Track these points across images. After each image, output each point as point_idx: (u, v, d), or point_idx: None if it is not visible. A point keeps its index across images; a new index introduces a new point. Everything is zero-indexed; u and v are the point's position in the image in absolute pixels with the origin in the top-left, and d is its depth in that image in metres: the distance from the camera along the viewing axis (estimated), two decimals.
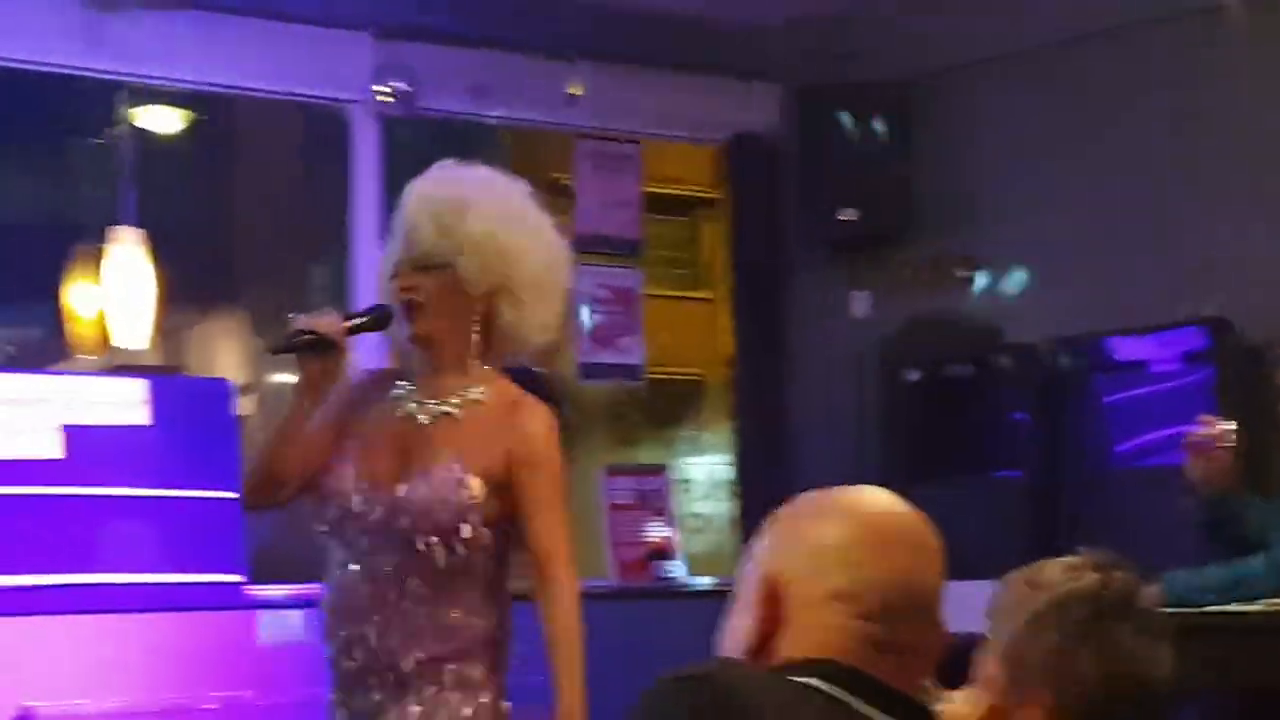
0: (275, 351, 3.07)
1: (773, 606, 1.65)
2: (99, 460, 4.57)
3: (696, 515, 6.35)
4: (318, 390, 2.99)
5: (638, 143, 5.90)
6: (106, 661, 4.48)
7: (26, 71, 5.02)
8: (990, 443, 5.62)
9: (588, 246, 5.82)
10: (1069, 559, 1.99)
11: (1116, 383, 5.43)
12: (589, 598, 5.44)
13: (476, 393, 3.03)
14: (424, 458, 2.99)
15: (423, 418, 3.01)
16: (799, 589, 1.65)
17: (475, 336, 3.02)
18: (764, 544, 1.71)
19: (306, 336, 2.91)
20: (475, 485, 2.95)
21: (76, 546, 4.46)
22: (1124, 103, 5.49)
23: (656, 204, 6.25)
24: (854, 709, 1.59)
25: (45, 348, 7.47)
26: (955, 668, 2.04)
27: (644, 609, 5.51)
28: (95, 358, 6.21)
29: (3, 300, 7.54)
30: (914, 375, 5.66)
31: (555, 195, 7.86)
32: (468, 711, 2.99)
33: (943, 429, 5.66)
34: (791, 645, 1.64)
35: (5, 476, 4.56)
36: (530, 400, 3.11)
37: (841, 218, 5.67)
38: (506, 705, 3.09)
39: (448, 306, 2.98)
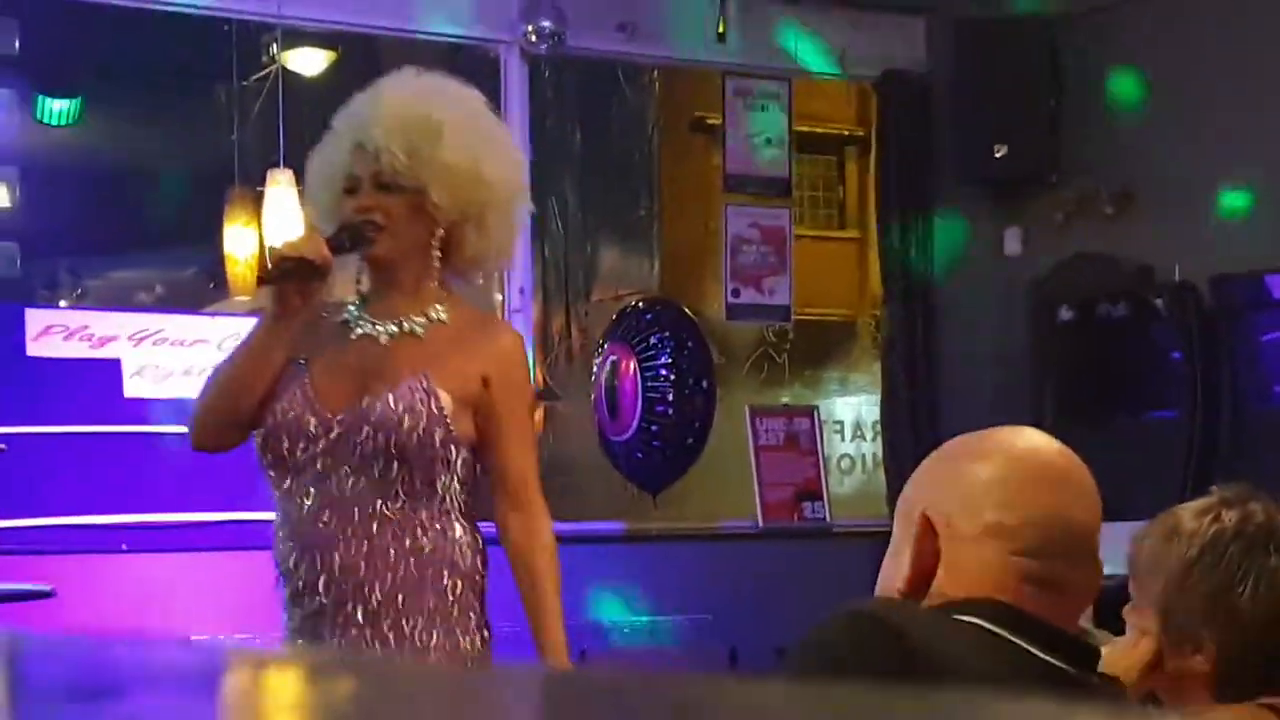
0: (266, 282, 2.72)
1: (929, 543, 1.64)
2: None
3: (844, 456, 6.31)
4: (294, 319, 2.73)
5: (788, 80, 5.84)
6: (268, 597, 4.56)
7: (181, 16, 5.08)
8: (1145, 383, 5.52)
9: (736, 186, 5.79)
10: (1198, 502, 1.96)
11: (1274, 321, 5.30)
12: (739, 539, 5.51)
13: (439, 312, 2.83)
14: (388, 375, 2.78)
15: (383, 338, 2.81)
16: (955, 526, 1.63)
17: (436, 261, 2.81)
18: (920, 482, 1.70)
19: (292, 262, 2.66)
20: (446, 399, 2.75)
21: (233, 484, 4.54)
22: (1275, 35, 5.33)
23: (802, 142, 6.19)
24: (1019, 647, 1.58)
25: (200, 289, 7.60)
26: (1110, 609, 2.01)
27: (791, 550, 5.49)
28: (249, 298, 6.30)
29: (160, 244, 7.69)
30: (1067, 314, 5.57)
31: (701, 134, 7.86)
32: (447, 643, 2.75)
33: (1096, 369, 5.56)
34: (949, 583, 1.63)
35: (163, 415, 4.65)
36: (498, 319, 3.08)
37: (996, 154, 5.58)
38: (487, 635, 2.83)
39: (411, 230, 2.78)
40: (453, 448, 2.75)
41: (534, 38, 5.30)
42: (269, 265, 2.70)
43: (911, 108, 5.88)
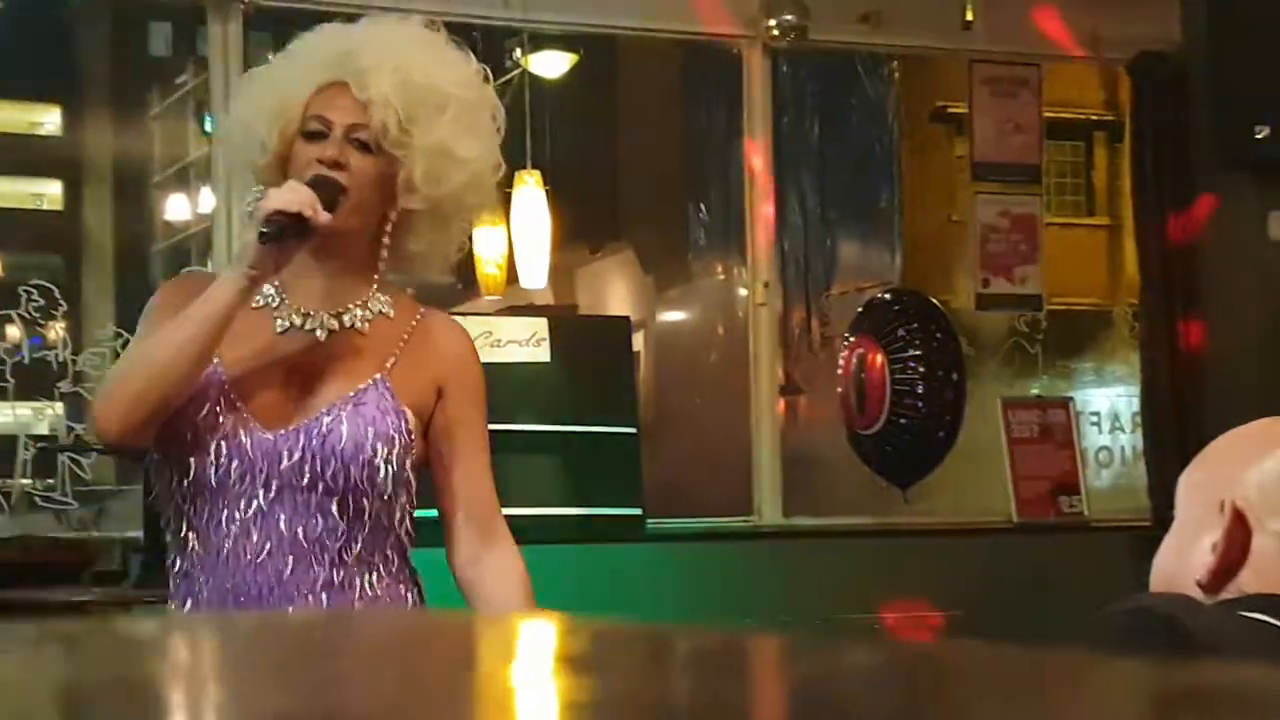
0: (267, 240, 2.21)
1: (1239, 535, 1.56)
2: (503, 397, 4.69)
3: (1102, 449, 6.16)
4: (257, 287, 2.28)
5: (1038, 65, 5.71)
6: None
7: (435, 24, 5.16)
8: None
9: (985, 174, 5.68)
10: None
11: None
12: (993, 534, 5.41)
13: (381, 304, 2.38)
14: (334, 381, 2.33)
15: (318, 332, 2.34)
16: (1262, 519, 1.56)
17: (385, 250, 2.36)
18: (1221, 468, 1.62)
19: (288, 219, 2.22)
20: (410, 416, 2.32)
21: None
22: None
23: (1050, 128, 6.05)
24: None
25: (449, 289, 7.74)
26: None
27: (1048, 545, 5.37)
28: (497, 297, 6.40)
29: None
30: None
31: (942, 123, 7.75)
32: None
33: None
34: (1254, 579, 1.56)
35: None
36: (444, 315, 2.53)
37: (1258, 135, 5.38)
38: None
39: (373, 202, 2.33)
40: (414, 477, 2.34)
41: (776, 32, 5.27)
42: (262, 223, 2.21)
43: (1167, 90, 5.70)
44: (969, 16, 5.45)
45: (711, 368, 7.62)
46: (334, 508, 2.28)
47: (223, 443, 2.27)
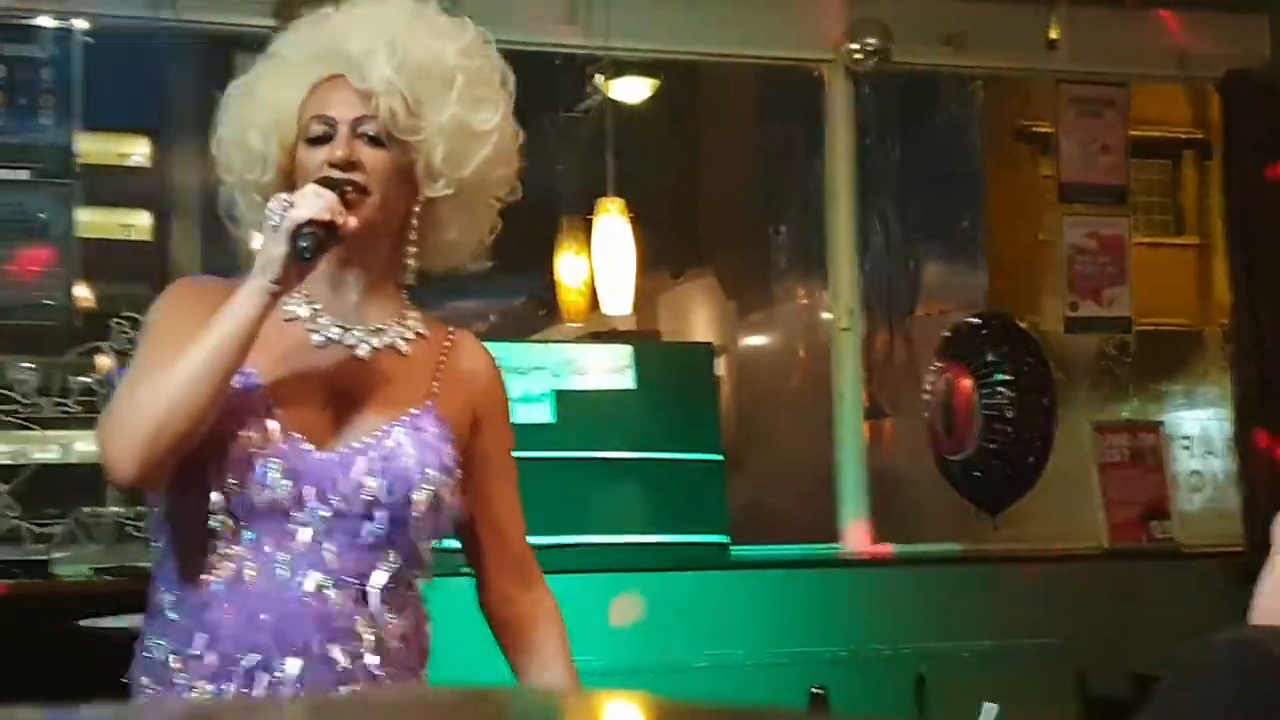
0: (309, 255, 2.00)
1: None
2: (587, 424, 4.69)
3: (1193, 473, 6.07)
4: (278, 301, 2.06)
5: (1125, 85, 5.65)
6: (599, 620, 4.61)
7: (511, 54, 5.19)
8: None
9: (1072, 195, 5.63)
10: None
11: None
12: (1084, 559, 5.35)
13: (416, 321, 2.22)
14: (386, 403, 2.13)
15: (360, 349, 2.15)
16: None
17: (412, 247, 2.17)
18: None
19: (322, 229, 2.02)
20: (455, 448, 2.16)
21: (568, 508, 4.59)
22: None
23: (1137, 147, 5.99)
24: None
25: (530, 316, 7.76)
26: None
27: (1140, 571, 5.30)
28: (579, 325, 6.40)
29: (492, 274, 7.87)
30: None
31: (1027, 143, 7.68)
32: None
33: None
34: None
35: None
36: (472, 336, 2.31)
37: None
38: None
39: (396, 199, 2.14)
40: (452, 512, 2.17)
41: (859, 55, 5.25)
42: (296, 235, 2.00)
43: (1256, 107, 5.62)
44: (1054, 36, 5.41)
45: (795, 392, 7.58)
46: (385, 538, 2.08)
47: (272, 462, 2.04)
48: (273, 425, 2.06)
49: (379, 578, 2.09)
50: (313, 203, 2.02)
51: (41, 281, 4.68)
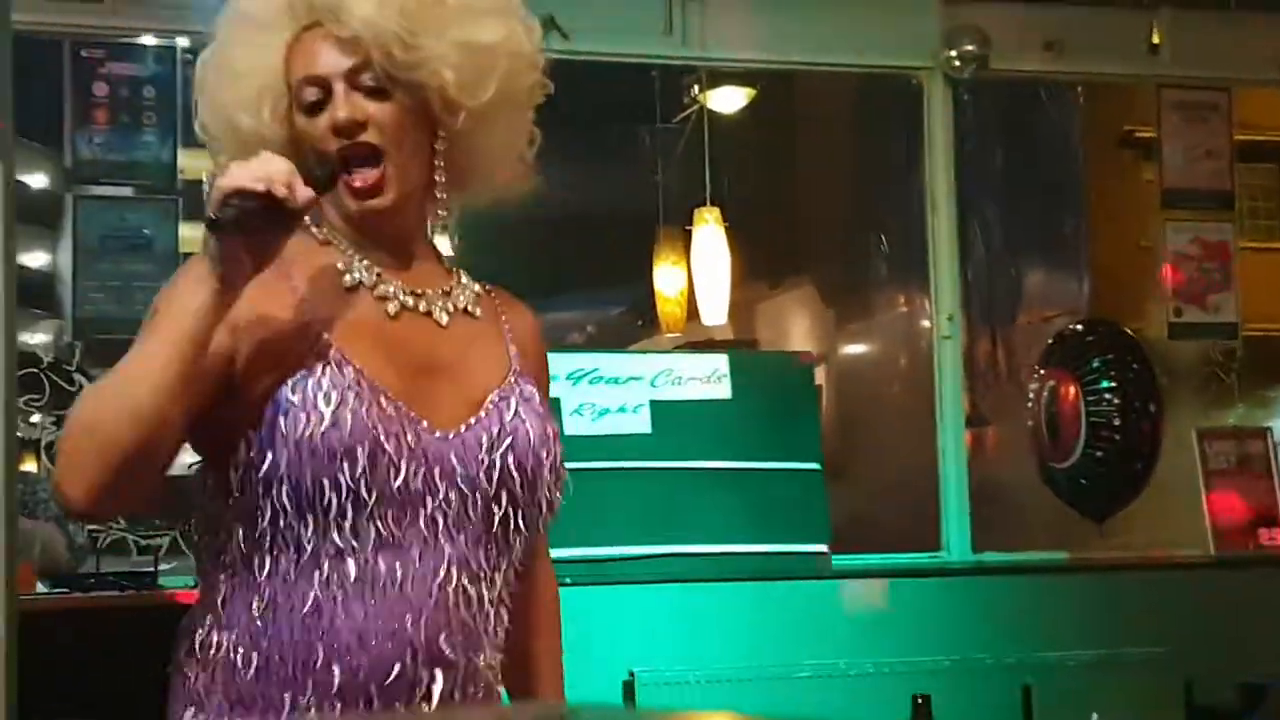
0: (217, 229, 1.68)
1: None
2: (685, 434, 4.70)
3: None
4: (236, 292, 1.73)
5: (1227, 90, 5.59)
6: (699, 629, 4.61)
7: (609, 65, 5.22)
8: None
9: (1175, 201, 5.57)
10: None
11: None
12: (1191, 567, 5.27)
13: (468, 280, 2.02)
14: (480, 375, 1.92)
15: (439, 315, 1.93)
16: None
17: (441, 192, 1.92)
18: None
19: (252, 200, 1.68)
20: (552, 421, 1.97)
21: (666, 518, 4.60)
22: None
23: (1242, 152, 5.91)
24: None
25: (628, 327, 7.79)
26: None
27: (1248, 579, 5.22)
28: (677, 335, 6.42)
29: (590, 285, 7.91)
30: None
31: (1130, 148, 7.62)
32: None
33: None
34: None
35: (599, 451, 4.77)
36: (506, 292, 2.09)
37: None
38: None
39: (417, 148, 1.90)
40: None
41: (957, 63, 5.23)
42: (217, 204, 1.69)
43: None
44: (1156, 40, 5.36)
45: (895, 401, 7.55)
46: (516, 522, 1.89)
47: (387, 443, 1.78)
48: (387, 405, 1.80)
49: (494, 576, 1.89)
50: (248, 171, 1.67)
51: (146, 297, 4.76)
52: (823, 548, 4.76)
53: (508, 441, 1.87)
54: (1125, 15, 5.43)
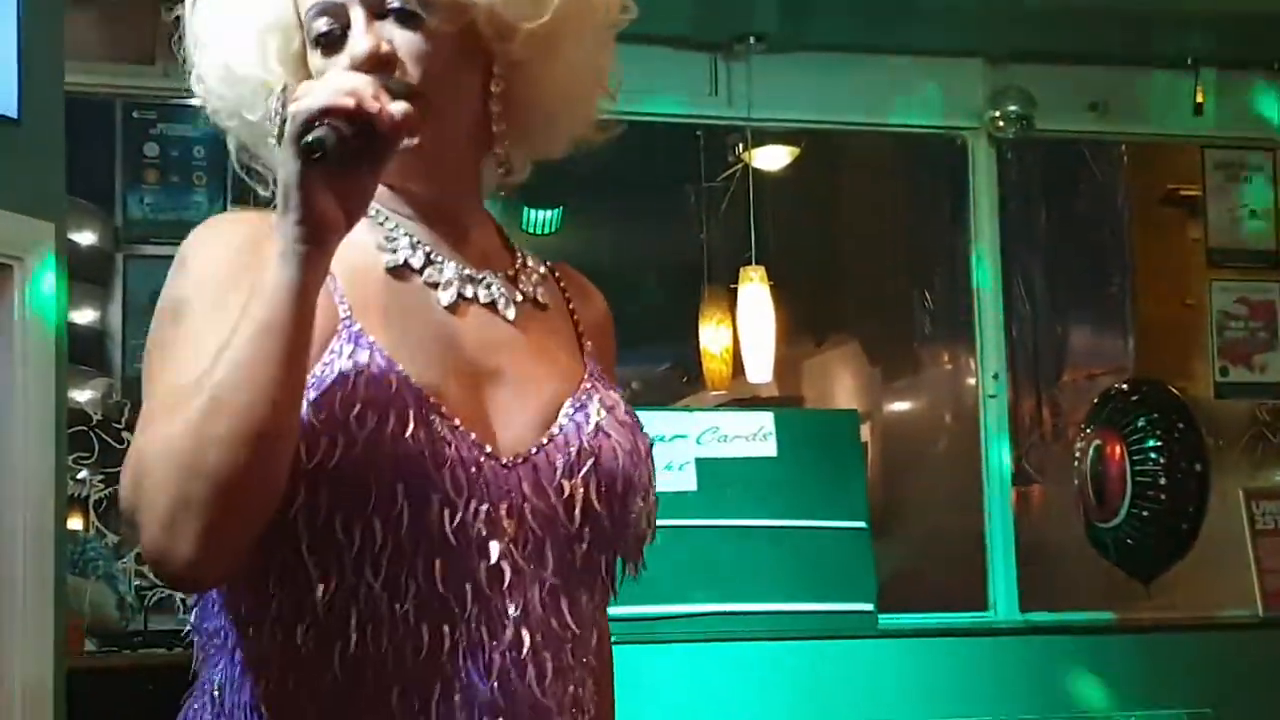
0: (315, 161, 1.25)
1: None
2: (730, 491, 4.71)
3: None
4: (329, 256, 1.30)
5: (1273, 150, 5.60)
6: (744, 688, 4.61)
7: (655, 125, 5.26)
8: None
9: (1220, 260, 5.58)
10: None
11: None
12: (1239, 628, 5.24)
13: (538, 266, 1.58)
14: (554, 376, 1.49)
15: (504, 306, 1.49)
16: None
17: (500, 145, 1.49)
18: None
19: (351, 128, 1.27)
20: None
21: (711, 576, 4.61)
22: None
23: None
24: None
25: (673, 384, 7.80)
26: None
27: None
28: (722, 392, 6.42)
29: (635, 341, 7.94)
30: None
31: (1174, 207, 7.60)
32: None
33: None
34: None
35: None
36: (586, 281, 1.66)
37: None
38: None
39: (457, 88, 1.46)
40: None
41: (1002, 123, 5.26)
42: (298, 137, 1.25)
43: None
44: (1199, 100, 5.37)
45: (941, 459, 7.53)
46: (586, 578, 1.46)
47: (449, 475, 1.36)
48: (442, 425, 1.37)
49: (585, 634, 1.46)
50: (333, 87, 1.27)
51: None
52: (869, 606, 4.76)
53: (589, 464, 1.43)
54: (1169, 75, 5.45)
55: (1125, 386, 5.63)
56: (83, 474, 5.17)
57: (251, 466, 1.26)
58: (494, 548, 1.38)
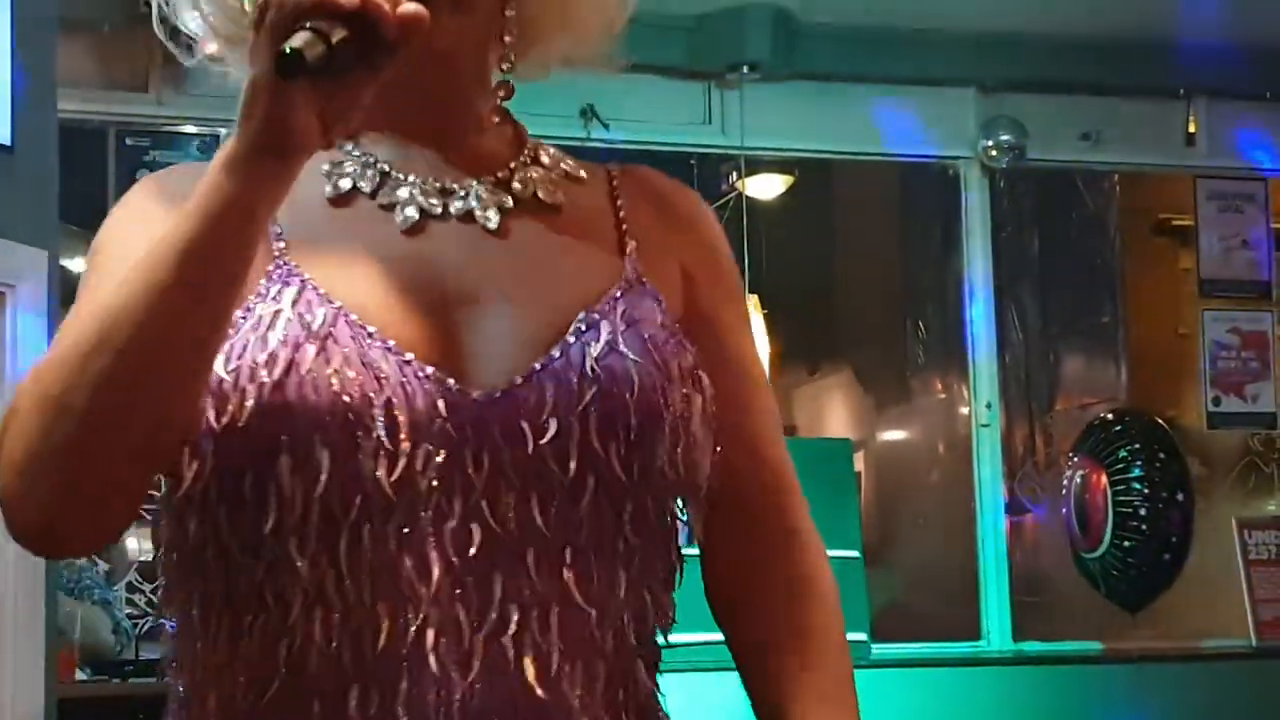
0: (290, 65, 0.98)
1: None
2: None
3: None
4: (294, 173, 1.07)
5: (1263, 180, 5.61)
6: (731, 718, 4.59)
7: (649, 154, 5.28)
8: None
9: (1212, 290, 5.59)
10: None
11: None
12: (1231, 659, 5.24)
13: (560, 163, 1.30)
14: (554, 289, 1.21)
15: (483, 215, 1.22)
16: None
17: (512, 53, 1.27)
18: None
19: (338, 28, 1.02)
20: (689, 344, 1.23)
21: (701, 604, 4.59)
22: None
23: (1278, 241, 5.93)
24: None
25: None
26: None
27: None
28: None
29: None
30: None
31: (1165, 236, 7.62)
32: None
33: None
34: None
35: None
36: (651, 169, 1.35)
37: None
38: None
39: None
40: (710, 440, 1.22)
41: (994, 153, 5.28)
42: (280, 32, 1.02)
43: None
44: (1192, 130, 5.39)
45: (935, 488, 7.53)
46: (608, 533, 1.16)
47: (382, 417, 1.09)
48: (380, 360, 1.12)
49: (616, 594, 1.17)
50: None
51: None
52: (862, 636, 4.75)
53: (591, 394, 1.13)
54: (1161, 105, 5.47)
55: (1110, 416, 5.64)
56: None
57: (136, 412, 1.05)
58: (456, 506, 1.11)
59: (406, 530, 1.11)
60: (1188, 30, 5.31)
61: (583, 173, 1.31)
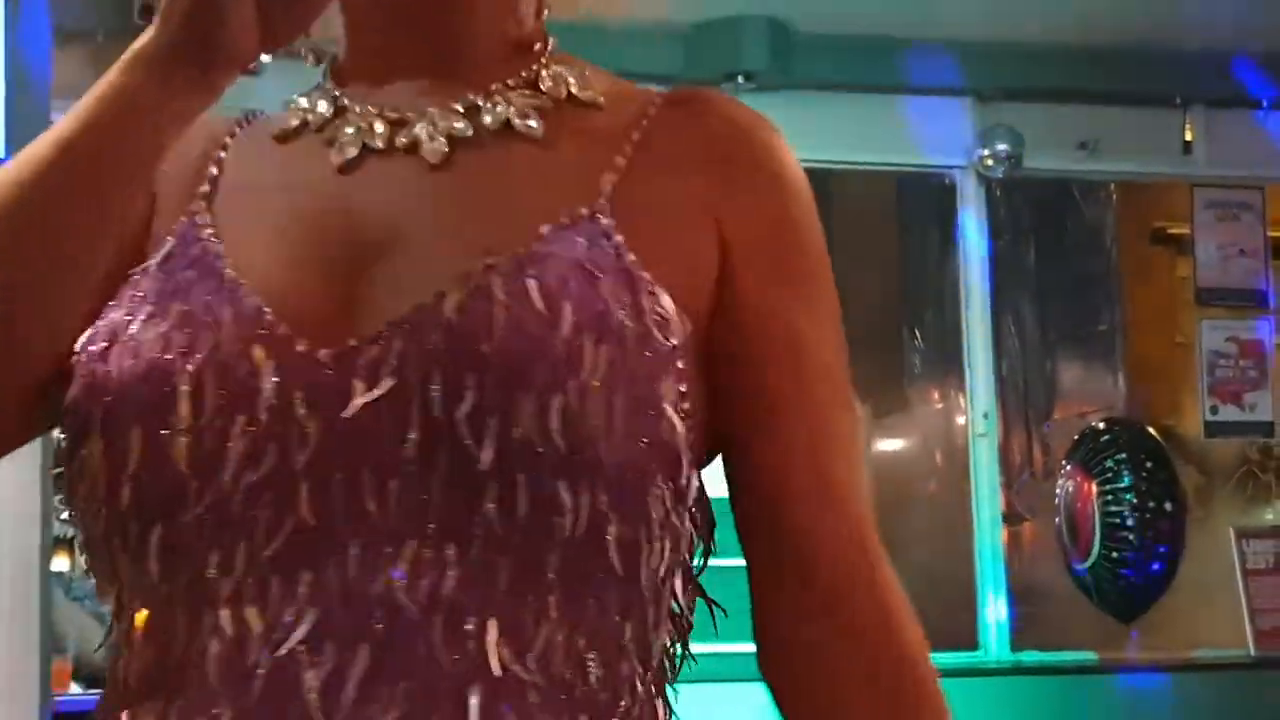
0: None
1: None
2: (719, 531, 4.69)
3: None
4: (210, 95, 0.93)
5: (1261, 188, 5.61)
6: None
7: None
8: None
9: (1209, 299, 5.59)
10: None
11: None
12: (1229, 669, 5.23)
13: (559, 74, 1.06)
14: (483, 232, 0.95)
15: (432, 145, 1.00)
16: None
17: None
18: None
19: None
20: (667, 301, 0.94)
21: (698, 616, 4.58)
22: None
23: (1276, 250, 5.92)
24: None
25: None
26: None
27: None
28: None
29: None
30: None
31: (1163, 245, 7.62)
32: None
33: None
34: None
35: None
36: (718, 95, 1.11)
37: None
38: None
39: None
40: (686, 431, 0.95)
41: (990, 162, 5.28)
42: None
43: None
44: (1189, 139, 5.39)
45: (932, 497, 7.52)
46: (477, 522, 0.89)
47: (205, 385, 0.91)
48: (232, 319, 0.94)
49: (576, 630, 0.94)
50: None
51: None
52: None
53: (442, 342, 0.90)
54: (1158, 114, 5.46)
55: (1100, 425, 5.64)
56: (67, 514, 5.13)
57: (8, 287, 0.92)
58: (268, 489, 0.90)
59: (211, 519, 0.91)
60: (1184, 39, 5.31)
61: (601, 99, 1.05)
